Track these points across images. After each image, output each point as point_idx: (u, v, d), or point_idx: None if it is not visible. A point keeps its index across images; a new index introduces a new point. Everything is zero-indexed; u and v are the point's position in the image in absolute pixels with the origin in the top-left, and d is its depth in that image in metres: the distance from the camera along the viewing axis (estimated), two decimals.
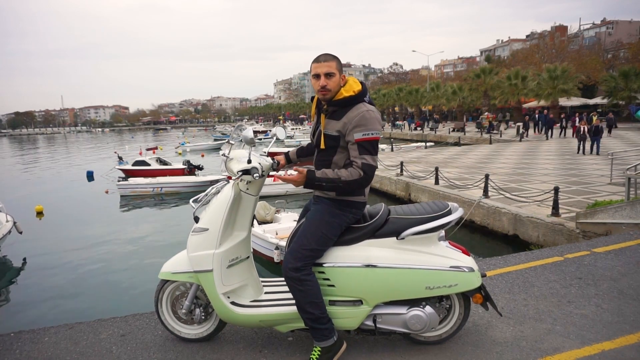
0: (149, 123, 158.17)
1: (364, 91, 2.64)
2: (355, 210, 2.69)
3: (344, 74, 2.65)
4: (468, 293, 2.78)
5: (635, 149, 16.19)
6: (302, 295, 2.60)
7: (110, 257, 10.82)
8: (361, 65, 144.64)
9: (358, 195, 2.67)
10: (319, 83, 2.59)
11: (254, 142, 2.82)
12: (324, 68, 2.56)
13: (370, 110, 2.57)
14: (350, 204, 2.67)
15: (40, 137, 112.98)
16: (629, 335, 3.00)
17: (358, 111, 2.55)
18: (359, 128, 2.52)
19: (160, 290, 3.01)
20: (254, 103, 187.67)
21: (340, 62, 2.64)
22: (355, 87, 2.63)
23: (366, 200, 2.76)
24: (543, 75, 36.55)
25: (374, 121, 2.54)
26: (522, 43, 71.75)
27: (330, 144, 2.65)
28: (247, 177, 2.72)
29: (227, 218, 2.80)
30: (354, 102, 2.60)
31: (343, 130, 2.58)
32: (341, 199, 2.66)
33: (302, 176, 2.51)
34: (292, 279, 2.61)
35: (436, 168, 12.86)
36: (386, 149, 26.39)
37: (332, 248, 2.71)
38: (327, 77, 2.56)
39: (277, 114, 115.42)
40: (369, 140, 2.52)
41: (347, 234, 2.72)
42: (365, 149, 2.52)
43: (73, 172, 29.07)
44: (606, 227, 6.91)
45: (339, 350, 2.69)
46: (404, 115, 62.71)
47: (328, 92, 2.58)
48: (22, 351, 3.07)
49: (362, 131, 2.51)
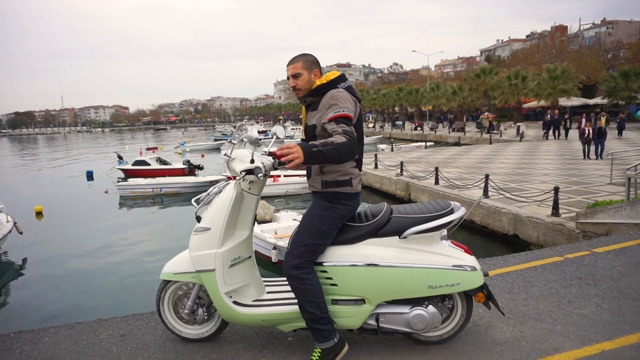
0: (149, 123, 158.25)
1: (339, 78, 2.70)
2: (346, 201, 2.68)
3: (317, 69, 2.72)
4: (470, 292, 2.77)
5: (635, 149, 16.19)
6: (302, 294, 2.60)
7: (110, 257, 10.82)
8: (361, 65, 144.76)
9: (345, 185, 2.66)
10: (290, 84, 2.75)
11: (258, 142, 2.83)
12: (290, 70, 2.72)
13: (339, 91, 2.61)
14: (339, 196, 2.67)
15: (40, 137, 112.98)
16: (629, 335, 3.00)
17: (329, 95, 2.61)
18: (330, 108, 2.55)
19: (162, 291, 3.01)
20: (254, 103, 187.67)
21: (310, 60, 2.71)
22: (331, 76, 2.70)
23: (357, 191, 2.73)
24: (543, 75, 36.58)
25: (344, 100, 2.56)
26: (522, 43, 71.76)
27: (311, 134, 2.70)
28: (250, 176, 2.73)
29: (229, 217, 2.80)
30: (327, 89, 2.65)
31: (319, 117, 2.62)
32: (329, 191, 2.67)
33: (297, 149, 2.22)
34: (292, 277, 2.62)
35: (436, 168, 12.86)
36: (386, 149, 26.41)
37: (334, 247, 2.71)
38: (294, 78, 2.70)
39: (277, 114, 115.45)
40: (340, 115, 2.50)
41: (349, 233, 2.72)
42: (340, 121, 2.48)
43: (73, 172, 29.06)
44: (606, 227, 6.91)
45: (340, 352, 2.68)
46: (403, 115, 62.72)
47: (299, 91, 2.73)
48: (22, 351, 3.07)
49: (334, 109, 2.52)
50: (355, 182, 2.71)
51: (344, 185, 2.66)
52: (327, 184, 2.67)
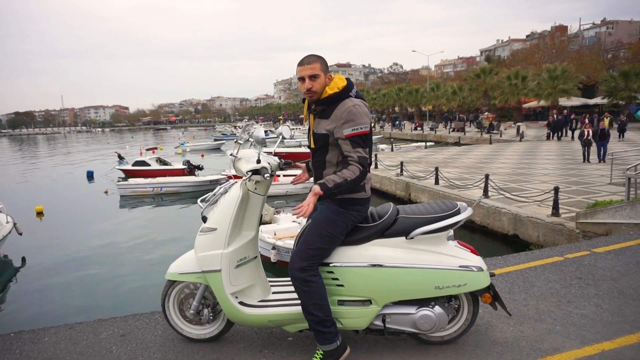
0: (149, 123, 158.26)
1: (349, 86, 2.65)
2: (359, 207, 2.68)
3: (330, 73, 2.66)
4: (477, 293, 2.77)
5: (635, 149, 16.18)
6: (306, 296, 2.59)
7: (110, 258, 10.82)
8: (361, 65, 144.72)
9: (359, 191, 2.66)
10: (304, 86, 2.62)
11: (265, 142, 2.82)
12: (307, 71, 2.58)
13: (357, 105, 2.57)
14: (353, 202, 2.66)
15: (40, 137, 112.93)
16: (629, 335, 3.00)
17: (345, 107, 2.56)
18: (347, 124, 2.52)
19: (167, 290, 3.00)
20: (254, 103, 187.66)
21: (325, 62, 2.65)
22: (340, 83, 2.63)
23: (369, 195, 2.74)
24: (543, 75, 36.54)
25: (361, 115, 2.54)
26: (522, 43, 71.75)
27: (321, 142, 2.67)
28: (256, 177, 2.72)
29: (235, 218, 2.79)
30: (340, 99, 2.60)
31: (332, 128, 2.58)
32: (343, 197, 2.65)
33: (318, 193, 2.49)
34: (297, 279, 2.60)
35: (436, 168, 12.86)
36: (386, 149, 26.40)
37: (340, 247, 2.70)
38: (311, 79, 2.59)
39: (277, 114, 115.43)
40: (359, 134, 2.52)
41: (356, 234, 2.71)
42: (357, 143, 2.53)
43: (73, 172, 29.07)
44: (606, 227, 6.91)
45: (342, 355, 2.67)
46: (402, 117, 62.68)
47: (314, 93, 2.61)
48: (22, 351, 3.07)
49: (352, 126, 2.51)
50: (367, 187, 2.71)
51: (358, 191, 2.66)
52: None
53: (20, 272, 10.12)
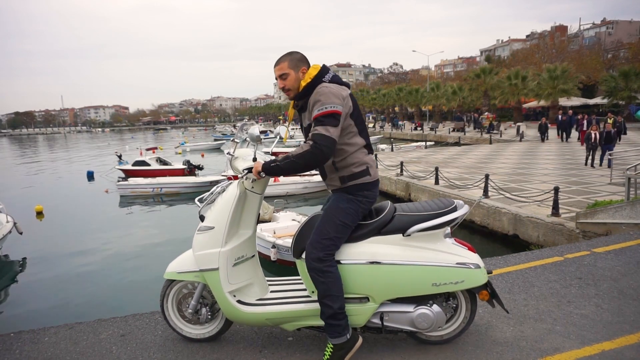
0: (149, 123, 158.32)
1: (322, 72, 2.64)
2: (366, 192, 2.68)
3: (304, 67, 2.67)
4: (475, 290, 2.78)
5: (635, 149, 16.17)
6: (324, 287, 2.59)
7: (110, 257, 10.81)
8: (361, 65, 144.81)
9: (363, 176, 2.66)
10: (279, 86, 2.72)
11: (260, 139, 2.83)
12: (277, 72, 2.68)
13: (324, 86, 2.56)
14: (359, 187, 2.67)
15: (40, 137, 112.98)
16: (629, 335, 3.00)
17: (314, 92, 2.57)
18: (315, 105, 2.53)
19: (166, 290, 3.00)
20: (254, 103, 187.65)
21: (296, 58, 2.66)
22: (313, 72, 2.64)
23: (375, 179, 2.73)
24: (543, 75, 36.54)
25: (328, 95, 2.51)
26: (522, 43, 71.79)
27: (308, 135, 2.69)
28: (252, 175, 2.73)
29: (232, 216, 2.80)
30: (314, 87, 2.60)
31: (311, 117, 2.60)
32: (349, 184, 2.66)
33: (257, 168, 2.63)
34: (314, 269, 2.60)
35: (436, 168, 12.86)
36: (386, 149, 26.40)
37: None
38: (282, 78, 2.67)
39: (277, 114, 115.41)
40: (324, 114, 2.49)
41: (354, 231, 2.72)
42: (320, 122, 2.49)
43: (73, 172, 29.07)
44: (606, 227, 6.91)
45: (352, 347, 2.67)
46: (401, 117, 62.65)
47: (289, 91, 2.70)
48: (22, 351, 3.07)
49: (318, 107, 2.51)
50: (372, 171, 2.71)
51: (363, 175, 2.66)
52: (345, 179, 2.67)
53: (20, 272, 10.12)
